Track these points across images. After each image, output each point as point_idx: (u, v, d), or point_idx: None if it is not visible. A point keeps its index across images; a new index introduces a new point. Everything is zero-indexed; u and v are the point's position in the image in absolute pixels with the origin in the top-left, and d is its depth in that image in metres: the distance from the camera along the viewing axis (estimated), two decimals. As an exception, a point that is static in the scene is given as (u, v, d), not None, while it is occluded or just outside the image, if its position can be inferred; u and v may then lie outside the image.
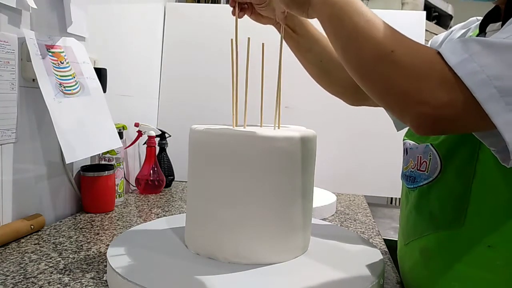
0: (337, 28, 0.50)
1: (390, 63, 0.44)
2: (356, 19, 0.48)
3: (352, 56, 0.48)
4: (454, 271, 0.54)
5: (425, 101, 0.42)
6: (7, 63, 0.76)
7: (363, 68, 0.47)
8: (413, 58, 0.44)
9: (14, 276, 0.61)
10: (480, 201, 0.51)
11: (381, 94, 0.46)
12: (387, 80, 0.45)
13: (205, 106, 1.45)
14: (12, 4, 0.75)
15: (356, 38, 0.48)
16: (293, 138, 0.61)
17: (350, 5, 0.50)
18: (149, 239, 0.70)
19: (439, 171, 0.56)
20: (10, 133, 0.77)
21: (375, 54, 0.46)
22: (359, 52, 0.47)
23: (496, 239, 0.50)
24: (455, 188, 0.54)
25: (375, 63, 0.46)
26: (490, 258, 0.50)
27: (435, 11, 2.66)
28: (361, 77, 0.48)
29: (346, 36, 0.49)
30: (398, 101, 0.44)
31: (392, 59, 0.44)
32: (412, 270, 0.62)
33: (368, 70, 0.47)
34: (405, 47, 0.45)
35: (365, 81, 0.47)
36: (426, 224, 0.58)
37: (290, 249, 0.63)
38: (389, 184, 1.38)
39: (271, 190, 0.60)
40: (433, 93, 0.41)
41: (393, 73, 0.44)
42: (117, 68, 1.15)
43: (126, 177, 1.23)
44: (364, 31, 0.47)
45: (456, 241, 0.54)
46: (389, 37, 0.46)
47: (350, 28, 0.48)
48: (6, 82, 0.76)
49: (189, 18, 1.50)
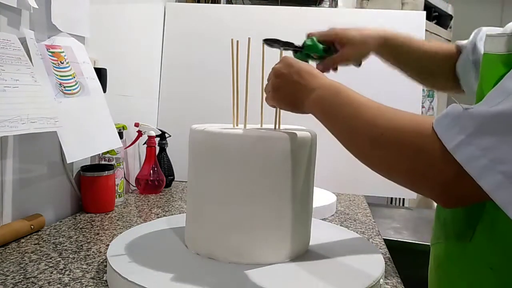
0: (330, 122, 0.53)
1: (382, 147, 0.45)
2: (345, 110, 0.51)
3: (348, 144, 0.51)
4: (457, 285, 0.53)
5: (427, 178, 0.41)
6: (19, 59, 0.75)
7: (361, 153, 0.49)
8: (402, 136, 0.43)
9: (14, 276, 0.61)
10: (491, 221, 0.48)
11: (387, 175, 0.47)
12: (386, 162, 0.46)
13: (205, 106, 1.45)
14: (13, 4, 0.75)
15: (348, 128, 0.50)
16: (293, 138, 0.61)
17: (338, 98, 0.53)
18: (149, 239, 0.70)
19: None
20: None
21: (366, 139, 0.47)
22: (353, 140, 0.50)
23: (499, 263, 0.48)
24: None
25: (369, 148, 0.47)
26: (490, 281, 0.49)
27: (435, 11, 2.66)
28: (363, 161, 0.49)
29: (340, 128, 0.52)
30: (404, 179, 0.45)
31: (383, 142, 0.45)
32: (429, 272, 0.62)
33: (366, 155, 0.48)
34: (393, 125, 0.44)
35: (368, 165, 0.49)
36: (440, 231, 0.57)
37: (290, 249, 0.63)
38: (389, 184, 1.37)
39: (271, 190, 0.60)
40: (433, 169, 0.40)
41: (389, 155, 0.44)
42: (117, 68, 1.15)
43: (126, 177, 1.22)
44: (354, 119, 0.49)
45: (462, 256, 0.52)
46: (378, 119, 0.46)
47: (341, 120, 0.51)
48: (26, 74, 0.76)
49: (189, 18, 1.50)
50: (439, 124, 0.41)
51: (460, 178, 0.38)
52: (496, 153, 0.36)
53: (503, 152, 0.36)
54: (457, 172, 0.38)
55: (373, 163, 0.48)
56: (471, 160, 0.37)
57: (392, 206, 1.86)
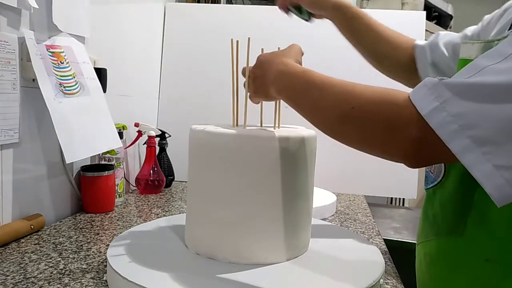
0: (298, 106, 0.54)
1: (354, 120, 0.46)
2: (310, 93, 0.52)
3: (319, 123, 0.51)
4: (452, 281, 0.53)
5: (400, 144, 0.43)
6: (8, 63, 0.76)
7: (332, 130, 0.49)
8: (375, 109, 0.44)
9: (14, 276, 0.61)
10: (481, 212, 0.49)
11: (358, 147, 0.48)
12: (358, 135, 0.46)
13: (205, 106, 1.45)
14: (13, 4, 0.75)
15: (317, 108, 0.50)
16: (293, 138, 0.61)
17: (301, 82, 0.53)
18: (149, 239, 0.70)
19: (443, 175, 0.55)
20: (12, 133, 0.77)
21: (337, 116, 0.47)
22: (323, 118, 0.50)
23: (495, 254, 0.48)
24: (456, 195, 0.53)
25: (340, 124, 0.48)
26: (488, 272, 0.49)
27: (435, 11, 2.66)
28: (335, 137, 0.50)
29: (308, 110, 0.52)
30: (377, 149, 0.46)
31: (354, 115, 0.46)
32: (418, 271, 0.62)
33: (337, 131, 0.49)
34: (364, 99, 0.45)
35: (340, 140, 0.49)
36: (430, 228, 0.57)
37: (290, 249, 0.63)
38: (389, 184, 1.38)
39: (271, 190, 0.60)
40: (407, 135, 0.42)
41: (360, 127, 0.45)
42: (117, 68, 1.15)
43: (126, 177, 1.23)
44: (321, 99, 0.50)
45: (455, 251, 0.53)
46: (347, 95, 0.47)
47: (308, 102, 0.52)
48: (8, 82, 0.76)
49: (189, 18, 1.50)
50: (415, 93, 0.43)
51: (429, 141, 0.41)
52: (466, 119, 0.38)
53: (472, 118, 0.38)
54: (426, 135, 0.40)
55: (344, 138, 0.49)
56: (442, 125, 0.39)
57: (392, 206, 1.86)
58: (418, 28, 1.39)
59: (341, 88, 0.48)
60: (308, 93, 0.52)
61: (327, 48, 1.33)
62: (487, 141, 0.37)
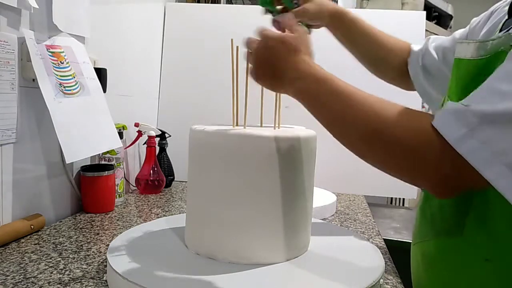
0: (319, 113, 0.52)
1: (379, 141, 0.45)
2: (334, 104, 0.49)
3: (340, 137, 0.50)
4: (451, 281, 0.53)
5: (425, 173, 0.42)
6: (7, 63, 0.76)
7: (353, 147, 0.48)
8: (404, 134, 0.43)
9: (14, 276, 0.61)
10: (480, 212, 0.49)
11: (382, 169, 0.47)
12: (382, 157, 0.45)
13: (205, 106, 1.45)
14: (13, 4, 0.75)
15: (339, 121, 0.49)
16: (293, 138, 0.61)
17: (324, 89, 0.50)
18: (149, 239, 0.70)
19: None
20: (10, 133, 0.77)
21: (361, 134, 0.46)
22: (345, 133, 0.49)
23: (494, 253, 0.48)
24: None
25: (363, 143, 0.46)
26: (487, 272, 0.49)
27: (435, 11, 2.66)
28: (356, 153, 0.48)
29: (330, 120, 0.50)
30: (402, 176, 0.45)
31: (380, 137, 0.44)
32: (415, 271, 0.62)
33: (359, 149, 0.48)
34: (393, 122, 0.44)
35: (362, 158, 0.48)
36: (428, 228, 0.57)
37: (290, 249, 0.63)
38: (389, 184, 1.38)
39: (271, 190, 0.60)
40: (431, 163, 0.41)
41: (386, 151, 0.44)
42: (117, 68, 1.15)
43: (126, 177, 1.23)
44: (344, 112, 0.48)
45: (454, 251, 0.52)
46: (373, 113, 0.46)
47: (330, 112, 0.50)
48: (6, 82, 0.76)
49: (189, 18, 1.50)
50: (440, 120, 0.42)
51: (458, 170, 0.40)
52: (498, 145, 0.38)
53: (504, 144, 0.38)
54: (454, 165, 0.40)
55: (366, 158, 0.48)
56: (474, 152, 0.39)
57: (392, 206, 1.86)
58: (418, 28, 1.39)
59: (366, 104, 0.47)
60: (331, 104, 0.50)
61: (327, 47, 1.33)
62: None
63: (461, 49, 0.56)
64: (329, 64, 0.59)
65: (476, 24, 0.65)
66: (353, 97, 0.48)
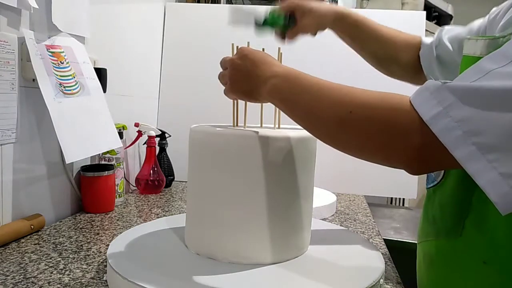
0: (290, 109, 0.52)
1: (351, 124, 0.44)
2: (306, 95, 0.49)
3: (313, 129, 0.50)
4: (450, 282, 0.53)
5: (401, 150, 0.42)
6: (7, 63, 0.76)
7: (328, 136, 0.48)
8: (374, 113, 0.43)
9: (14, 276, 0.61)
10: (479, 214, 0.49)
11: (357, 154, 0.47)
12: (356, 141, 0.45)
13: (205, 106, 1.45)
14: (13, 4, 0.75)
15: (312, 113, 0.48)
16: (293, 138, 0.61)
17: (296, 85, 0.51)
18: (149, 239, 0.70)
19: (443, 175, 0.55)
20: (10, 133, 0.77)
21: (334, 121, 0.46)
22: (318, 124, 0.48)
23: (492, 256, 0.48)
24: (455, 196, 0.52)
25: (337, 129, 0.46)
26: (484, 275, 0.48)
27: (435, 11, 2.66)
28: (331, 143, 0.48)
29: (301, 114, 0.50)
30: (376, 156, 0.45)
31: (352, 120, 0.44)
32: (418, 271, 0.62)
33: (334, 137, 0.47)
34: (364, 103, 0.44)
35: (337, 146, 0.48)
36: (430, 228, 0.57)
37: (290, 249, 0.63)
38: (389, 184, 1.38)
39: (271, 190, 0.60)
40: (407, 140, 0.41)
41: (359, 133, 0.44)
42: (117, 68, 1.15)
43: (126, 177, 1.23)
44: (316, 103, 0.48)
45: (454, 252, 0.52)
46: (345, 98, 0.46)
47: (302, 106, 0.50)
48: (6, 82, 0.76)
49: (189, 18, 1.50)
50: (417, 98, 0.41)
51: (431, 148, 0.39)
52: (471, 125, 0.37)
53: (478, 124, 0.37)
54: (429, 142, 0.39)
55: (342, 145, 0.47)
56: (446, 131, 0.38)
57: (392, 206, 1.86)
58: (418, 28, 1.39)
59: (338, 91, 0.47)
60: (303, 96, 0.50)
61: (327, 48, 1.33)
62: (493, 149, 0.36)
63: (469, 46, 0.53)
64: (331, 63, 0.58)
65: (496, 15, 0.62)
66: (325, 87, 0.48)
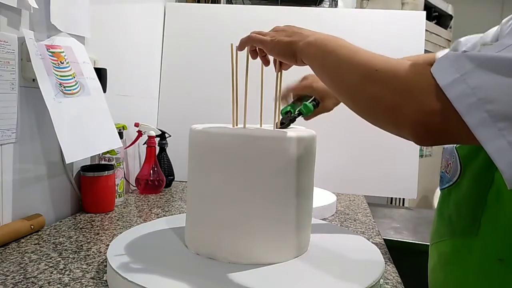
0: (324, 62, 0.53)
1: (375, 81, 0.45)
2: (339, 51, 0.51)
3: (339, 82, 0.50)
4: (466, 281, 0.53)
5: (413, 111, 0.41)
6: (7, 63, 0.76)
7: (351, 90, 0.49)
8: (397, 73, 0.43)
9: (14, 276, 0.61)
10: (494, 212, 0.49)
11: (371, 112, 0.47)
12: (375, 97, 0.45)
13: (205, 106, 1.45)
14: (13, 4, 0.75)
15: (341, 66, 0.50)
16: (293, 138, 0.61)
17: (332, 43, 0.53)
18: (149, 239, 0.70)
19: (459, 175, 0.55)
20: (10, 133, 0.77)
21: (360, 76, 0.47)
22: (345, 77, 0.49)
23: (508, 253, 0.48)
24: (471, 195, 0.53)
25: (361, 84, 0.47)
26: (500, 272, 0.49)
27: (435, 11, 2.66)
28: (351, 99, 0.49)
29: (333, 66, 0.51)
30: (389, 116, 0.44)
31: (377, 77, 0.45)
32: (432, 271, 0.62)
33: (356, 91, 0.48)
34: (389, 64, 0.45)
35: (356, 102, 0.48)
36: (445, 228, 0.57)
37: (290, 249, 0.63)
38: (389, 184, 1.38)
39: (271, 190, 0.60)
40: (421, 102, 0.40)
41: (380, 89, 0.44)
42: (117, 68, 1.15)
43: (126, 177, 1.23)
44: (348, 58, 0.49)
45: (470, 251, 0.53)
46: (372, 59, 0.47)
47: (335, 59, 0.51)
48: (6, 82, 0.76)
49: (189, 18, 1.50)
50: (436, 65, 0.41)
51: (442, 115, 0.39)
52: (486, 92, 0.37)
53: (493, 92, 0.37)
54: (441, 108, 0.39)
55: (361, 100, 0.48)
56: (461, 97, 0.38)
57: (392, 206, 1.86)
58: (418, 28, 1.39)
59: (370, 53, 0.48)
60: (337, 52, 0.51)
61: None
62: (505, 117, 0.36)
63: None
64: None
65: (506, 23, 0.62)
66: (359, 48, 0.50)
